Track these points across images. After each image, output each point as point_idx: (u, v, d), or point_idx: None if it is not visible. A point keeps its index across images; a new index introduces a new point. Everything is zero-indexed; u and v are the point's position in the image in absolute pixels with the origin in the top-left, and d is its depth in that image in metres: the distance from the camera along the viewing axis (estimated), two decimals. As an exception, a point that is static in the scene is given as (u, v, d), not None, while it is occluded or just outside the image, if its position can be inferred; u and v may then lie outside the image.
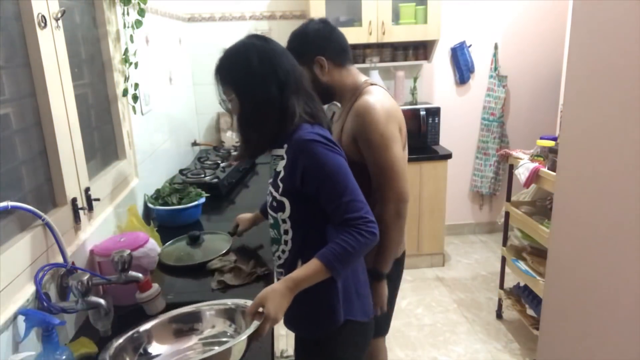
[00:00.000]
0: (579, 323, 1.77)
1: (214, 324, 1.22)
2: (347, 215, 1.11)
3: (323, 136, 1.17)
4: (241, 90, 1.20)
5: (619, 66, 1.49)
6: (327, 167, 1.13)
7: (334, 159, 1.14)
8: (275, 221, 1.28)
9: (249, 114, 1.20)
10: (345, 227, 1.11)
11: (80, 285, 1.08)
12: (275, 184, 1.24)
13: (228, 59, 1.23)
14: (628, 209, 1.48)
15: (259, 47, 1.20)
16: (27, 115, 1.19)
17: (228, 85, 1.22)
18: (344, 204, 1.12)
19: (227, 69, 1.22)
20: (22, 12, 1.15)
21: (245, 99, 1.19)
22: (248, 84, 1.18)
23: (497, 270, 2.91)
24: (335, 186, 1.13)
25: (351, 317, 1.27)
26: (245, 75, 1.19)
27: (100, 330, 1.14)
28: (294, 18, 3.41)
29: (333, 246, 1.11)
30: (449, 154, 3.26)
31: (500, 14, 3.57)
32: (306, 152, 1.14)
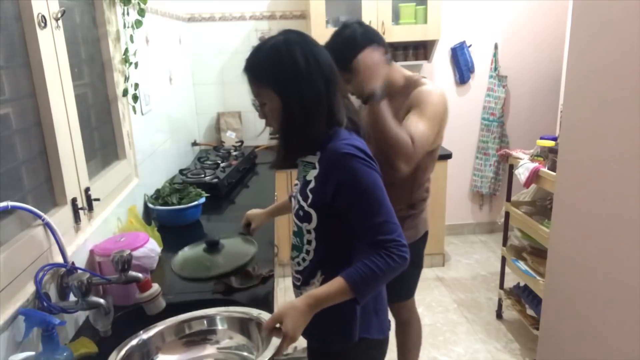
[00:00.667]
0: (579, 323, 1.77)
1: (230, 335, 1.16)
2: (380, 236, 1.05)
3: (360, 149, 1.10)
4: (287, 90, 1.10)
5: (619, 66, 1.49)
6: (362, 185, 1.07)
7: (369, 176, 1.08)
8: (299, 229, 1.22)
9: (296, 115, 1.11)
10: (376, 248, 1.04)
11: (80, 285, 1.08)
12: (304, 193, 1.17)
13: (266, 56, 1.12)
14: (628, 208, 1.48)
15: (300, 43, 1.11)
16: (27, 115, 1.18)
17: (267, 85, 1.12)
18: (377, 224, 1.05)
19: (266, 67, 1.12)
20: (22, 12, 1.15)
21: (291, 99, 1.11)
22: (294, 83, 1.09)
23: (497, 270, 2.91)
24: (369, 205, 1.07)
25: (367, 335, 1.22)
26: (290, 73, 1.09)
27: (100, 330, 1.14)
28: (294, 18, 3.41)
29: (361, 267, 1.04)
30: (449, 154, 3.26)
31: (500, 14, 3.57)
32: (341, 166, 1.08)
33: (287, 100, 1.11)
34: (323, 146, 1.13)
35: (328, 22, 3.21)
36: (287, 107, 1.11)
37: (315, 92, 1.10)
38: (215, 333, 1.17)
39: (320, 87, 1.10)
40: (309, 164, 1.18)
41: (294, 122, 1.12)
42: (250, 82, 1.14)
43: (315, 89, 1.10)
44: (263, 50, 1.12)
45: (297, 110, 1.11)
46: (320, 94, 1.10)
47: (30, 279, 1.09)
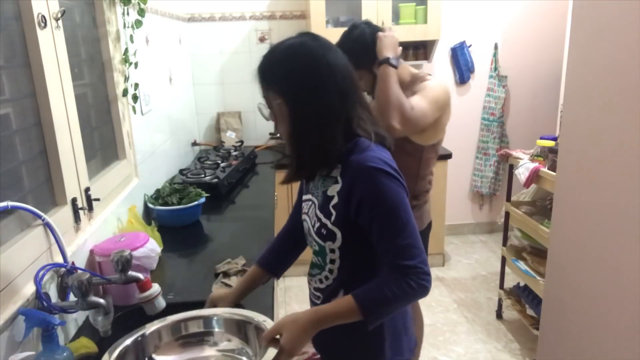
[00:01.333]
0: (579, 323, 1.77)
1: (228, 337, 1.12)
2: (400, 261, 0.97)
3: (386, 162, 1.01)
4: (295, 99, 1.02)
5: (619, 66, 1.49)
6: (387, 203, 0.98)
7: (396, 193, 0.99)
8: (321, 249, 1.11)
9: (306, 127, 1.03)
10: (396, 273, 0.97)
11: (80, 285, 1.08)
12: (326, 210, 1.07)
13: (279, 58, 1.04)
14: (628, 208, 1.48)
15: (316, 47, 1.02)
16: (27, 115, 1.18)
17: (274, 89, 1.04)
18: (399, 247, 0.97)
19: (277, 69, 1.04)
20: (22, 12, 1.15)
21: (300, 110, 1.02)
22: (304, 93, 1.01)
23: (497, 270, 2.91)
24: (392, 225, 0.98)
25: (399, 357, 1.15)
26: (301, 82, 1.01)
27: (100, 330, 1.13)
28: (294, 18, 3.41)
29: (375, 289, 0.97)
30: (449, 154, 3.26)
31: (500, 14, 3.57)
32: (366, 181, 0.99)
33: (295, 110, 1.03)
34: (344, 158, 1.04)
35: (328, 22, 3.21)
36: (295, 117, 1.03)
37: (329, 105, 1.01)
38: (212, 335, 1.13)
39: (334, 100, 1.01)
40: (329, 177, 1.09)
41: (304, 135, 1.04)
42: (260, 84, 1.08)
43: (328, 102, 1.01)
44: (277, 51, 1.05)
45: (307, 123, 1.03)
46: (333, 107, 1.02)
47: (30, 279, 1.09)
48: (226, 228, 2.03)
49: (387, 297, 0.96)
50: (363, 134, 1.06)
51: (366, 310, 0.96)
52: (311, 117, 1.02)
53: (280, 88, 1.03)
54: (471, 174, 3.88)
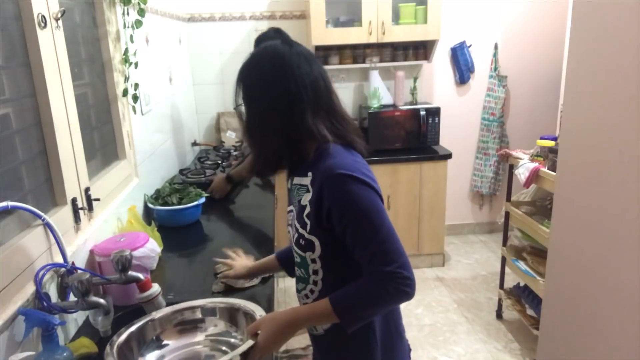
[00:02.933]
0: (579, 323, 1.77)
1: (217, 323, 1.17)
2: (376, 267, 0.95)
3: (356, 167, 0.99)
4: (248, 96, 1.07)
5: (619, 66, 1.49)
6: (357, 209, 0.96)
7: (365, 198, 0.96)
8: (302, 260, 1.10)
9: (251, 124, 1.08)
10: (373, 279, 0.95)
11: (80, 285, 1.08)
12: (301, 219, 1.06)
13: (249, 60, 1.09)
14: (628, 208, 1.48)
15: (277, 52, 1.05)
16: (27, 115, 1.18)
17: (240, 87, 1.09)
18: (374, 253, 0.95)
19: (243, 70, 1.09)
20: (22, 12, 1.15)
21: (250, 106, 1.07)
22: (255, 91, 1.06)
23: (497, 270, 2.91)
24: (365, 231, 0.96)
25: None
26: (255, 81, 1.06)
27: (100, 330, 1.13)
28: (294, 18, 3.41)
29: (352, 293, 0.97)
30: (449, 154, 3.26)
31: (500, 14, 3.57)
32: (334, 188, 0.97)
33: (247, 107, 1.07)
34: (314, 165, 1.03)
35: (328, 22, 3.21)
36: (247, 114, 1.08)
37: (273, 106, 1.03)
38: (205, 322, 1.18)
39: (281, 103, 1.02)
40: (301, 187, 1.08)
41: (249, 132, 1.09)
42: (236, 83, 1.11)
43: (273, 103, 1.03)
44: (250, 54, 1.10)
45: (251, 120, 1.07)
46: (278, 109, 1.03)
47: (30, 279, 1.09)
48: (226, 228, 2.03)
49: (362, 301, 0.96)
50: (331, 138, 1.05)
51: (341, 314, 0.96)
52: (257, 117, 1.06)
53: (241, 88, 1.08)
54: (471, 174, 3.88)
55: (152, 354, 1.11)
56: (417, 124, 3.29)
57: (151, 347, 1.11)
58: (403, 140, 3.32)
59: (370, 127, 3.27)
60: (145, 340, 1.11)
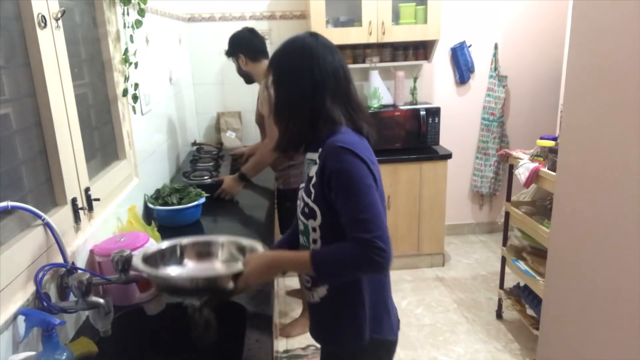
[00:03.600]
0: (579, 323, 1.77)
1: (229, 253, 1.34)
2: (357, 234, 1.05)
3: (355, 145, 1.11)
4: (279, 81, 1.20)
5: (619, 66, 1.49)
6: (349, 177, 1.07)
7: (359, 170, 1.08)
8: (305, 228, 1.23)
9: (280, 106, 1.21)
10: (353, 244, 1.06)
11: (80, 285, 1.08)
12: (307, 189, 1.19)
13: (281, 49, 1.22)
14: (628, 208, 1.48)
15: (305, 43, 1.18)
16: (27, 115, 1.18)
17: (272, 73, 1.22)
18: (357, 220, 1.06)
19: (275, 58, 1.22)
20: (22, 12, 1.15)
21: (280, 90, 1.20)
22: (285, 77, 1.19)
23: (497, 270, 2.91)
24: (352, 199, 1.07)
25: (379, 335, 1.23)
26: (285, 68, 1.19)
27: (100, 330, 1.13)
28: (294, 18, 3.41)
29: (331, 251, 1.10)
30: (449, 154, 3.26)
31: (500, 14, 3.57)
32: (334, 158, 1.10)
33: (277, 91, 1.20)
34: (324, 142, 1.15)
35: (328, 22, 3.21)
36: (276, 97, 1.21)
37: (300, 91, 1.16)
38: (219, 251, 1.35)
39: (306, 87, 1.15)
40: (311, 161, 1.21)
41: (278, 112, 1.21)
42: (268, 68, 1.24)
43: (300, 88, 1.16)
44: (283, 43, 1.22)
45: (280, 102, 1.20)
46: (303, 93, 1.16)
47: (30, 279, 1.09)
48: (226, 228, 2.03)
49: (337, 261, 1.08)
50: (344, 122, 1.18)
51: (316, 266, 1.08)
52: (285, 100, 1.19)
53: (272, 73, 1.21)
54: (471, 174, 3.88)
55: (173, 267, 1.29)
56: (417, 124, 3.29)
57: (172, 263, 1.29)
58: (403, 140, 3.32)
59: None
60: (168, 258, 1.29)
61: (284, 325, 2.77)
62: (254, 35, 2.48)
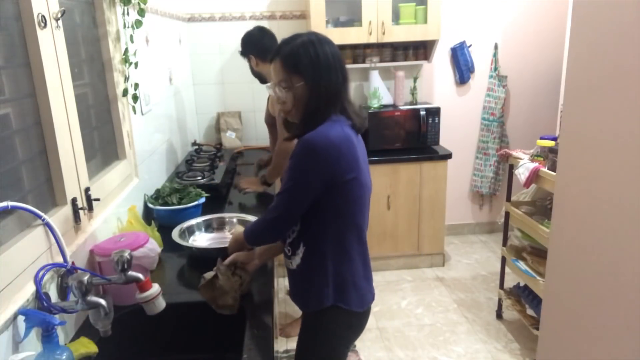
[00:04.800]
0: (579, 323, 1.77)
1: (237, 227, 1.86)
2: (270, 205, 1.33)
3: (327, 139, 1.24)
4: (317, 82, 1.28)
5: (619, 66, 1.49)
6: (292, 161, 1.26)
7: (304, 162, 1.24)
8: None
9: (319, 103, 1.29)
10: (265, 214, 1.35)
11: (80, 285, 1.08)
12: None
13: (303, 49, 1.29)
14: (628, 208, 1.48)
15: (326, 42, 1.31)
16: (27, 115, 1.18)
17: (299, 74, 1.28)
18: (276, 196, 1.31)
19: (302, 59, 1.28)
20: (22, 12, 1.15)
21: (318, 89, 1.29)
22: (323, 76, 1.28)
23: (497, 270, 2.91)
24: (284, 179, 1.29)
25: (343, 304, 1.35)
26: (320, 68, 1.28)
27: (100, 330, 1.13)
28: (294, 18, 3.41)
29: (255, 222, 1.42)
30: (449, 154, 3.26)
31: (500, 14, 3.57)
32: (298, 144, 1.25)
33: (314, 90, 1.28)
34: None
35: (328, 22, 3.21)
36: (313, 95, 1.29)
37: (335, 84, 1.30)
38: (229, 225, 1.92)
39: (339, 80, 1.31)
40: None
41: (315, 108, 1.30)
42: (281, 68, 1.30)
43: (336, 82, 1.30)
44: (297, 43, 1.29)
45: (320, 99, 1.29)
46: (338, 86, 1.31)
47: (30, 279, 1.09)
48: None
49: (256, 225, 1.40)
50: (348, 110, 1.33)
51: (245, 234, 1.41)
52: (324, 94, 1.30)
53: (304, 74, 1.28)
54: (471, 174, 3.88)
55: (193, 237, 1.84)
56: (417, 124, 3.29)
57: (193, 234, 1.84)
58: (403, 140, 3.32)
59: (370, 127, 3.27)
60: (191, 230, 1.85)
61: (284, 325, 2.77)
62: (264, 35, 2.43)
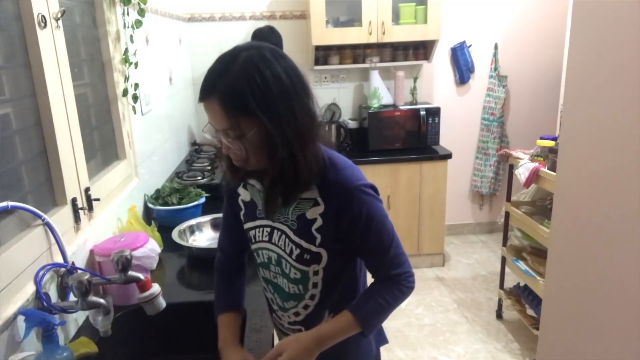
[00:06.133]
0: (579, 323, 1.77)
1: None
2: (392, 271, 1.04)
3: (363, 177, 1.02)
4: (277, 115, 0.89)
5: (619, 66, 1.49)
6: (376, 220, 1.00)
7: (380, 209, 1.02)
8: (303, 275, 1.07)
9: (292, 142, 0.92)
10: (387, 282, 1.04)
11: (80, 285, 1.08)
12: (308, 234, 1.02)
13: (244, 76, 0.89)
14: (628, 208, 1.48)
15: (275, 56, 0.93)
16: (27, 115, 1.18)
17: (249, 113, 0.89)
18: (390, 258, 1.03)
19: (247, 91, 0.88)
20: (22, 12, 1.15)
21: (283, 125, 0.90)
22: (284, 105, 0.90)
23: (497, 270, 2.91)
24: (382, 240, 1.02)
25: (383, 342, 1.24)
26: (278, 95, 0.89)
27: (100, 330, 1.13)
28: (294, 18, 3.41)
29: (369, 300, 1.03)
30: (449, 154, 3.26)
31: (500, 14, 3.57)
32: (354, 202, 0.98)
33: (278, 127, 0.89)
34: (320, 177, 0.98)
35: (328, 22, 3.21)
36: (279, 135, 0.90)
37: (307, 110, 0.94)
38: None
39: (309, 103, 0.95)
40: (304, 200, 1.01)
41: (288, 160, 0.92)
42: (222, 113, 0.90)
43: (305, 106, 0.94)
44: (236, 71, 0.90)
45: (291, 137, 0.91)
46: (311, 111, 0.95)
47: (30, 279, 1.09)
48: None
49: (381, 306, 1.02)
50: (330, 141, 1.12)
51: (363, 321, 1.01)
52: (295, 129, 0.91)
53: (257, 110, 0.88)
54: (471, 174, 3.88)
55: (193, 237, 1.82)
56: (417, 124, 3.29)
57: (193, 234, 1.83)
58: (403, 140, 3.32)
59: (370, 127, 3.27)
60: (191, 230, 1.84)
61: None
62: (272, 33, 2.43)
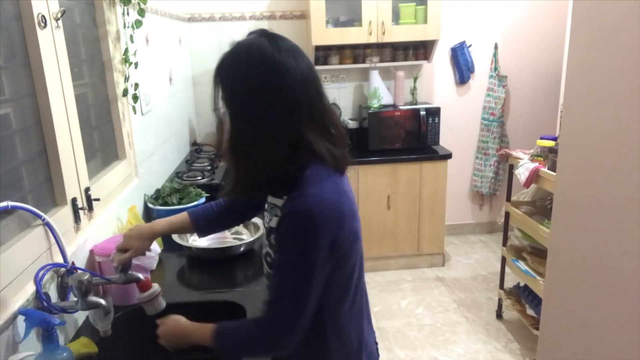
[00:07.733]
0: (579, 323, 1.77)
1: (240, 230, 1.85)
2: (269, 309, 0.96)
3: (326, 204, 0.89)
4: (238, 105, 0.90)
5: (619, 66, 1.49)
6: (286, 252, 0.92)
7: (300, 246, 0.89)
8: (267, 274, 1.11)
9: (241, 142, 0.91)
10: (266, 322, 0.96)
11: (80, 285, 1.08)
12: (269, 239, 1.02)
13: (231, 61, 0.93)
14: (628, 208, 1.48)
15: (263, 49, 0.90)
16: (27, 115, 1.18)
17: (224, 96, 0.93)
18: (273, 298, 0.95)
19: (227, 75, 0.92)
20: (22, 12, 1.15)
21: (241, 122, 0.90)
22: (246, 100, 0.89)
23: (497, 270, 2.91)
24: (278, 275, 0.94)
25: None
26: (245, 88, 0.89)
27: (100, 330, 1.13)
28: (294, 18, 3.41)
29: (239, 325, 1.01)
30: (449, 154, 3.26)
31: (500, 14, 3.57)
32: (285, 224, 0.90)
33: (236, 122, 0.90)
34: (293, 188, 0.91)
35: (328, 22, 3.21)
36: (236, 131, 0.90)
37: (273, 118, 0.88)
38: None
39: (278, 113, 0.88)
40: (274, 206, 0.99)
41: (237, 148, 0.91)
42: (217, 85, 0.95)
43: (273, 114, 0.88)
44: (232, 52, 0.94)
45: (245, 140, 0.89)
46: (278, 121, 0.88)
47: (30, 279, 1.09)
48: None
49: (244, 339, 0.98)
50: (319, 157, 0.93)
51: (218, 340, 0.99)
52: (250, 133, 0.89)
53: (226, 95, 0.92)
54: (471, 174, 3.88)
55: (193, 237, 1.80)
56: (417, 124, 3.29)
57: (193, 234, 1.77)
58: (403, 140, 3.32)
59: (370, 127, 3.27)
60: None
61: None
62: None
